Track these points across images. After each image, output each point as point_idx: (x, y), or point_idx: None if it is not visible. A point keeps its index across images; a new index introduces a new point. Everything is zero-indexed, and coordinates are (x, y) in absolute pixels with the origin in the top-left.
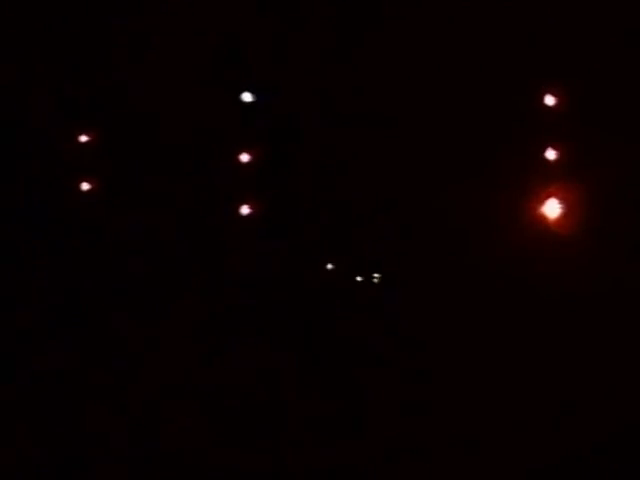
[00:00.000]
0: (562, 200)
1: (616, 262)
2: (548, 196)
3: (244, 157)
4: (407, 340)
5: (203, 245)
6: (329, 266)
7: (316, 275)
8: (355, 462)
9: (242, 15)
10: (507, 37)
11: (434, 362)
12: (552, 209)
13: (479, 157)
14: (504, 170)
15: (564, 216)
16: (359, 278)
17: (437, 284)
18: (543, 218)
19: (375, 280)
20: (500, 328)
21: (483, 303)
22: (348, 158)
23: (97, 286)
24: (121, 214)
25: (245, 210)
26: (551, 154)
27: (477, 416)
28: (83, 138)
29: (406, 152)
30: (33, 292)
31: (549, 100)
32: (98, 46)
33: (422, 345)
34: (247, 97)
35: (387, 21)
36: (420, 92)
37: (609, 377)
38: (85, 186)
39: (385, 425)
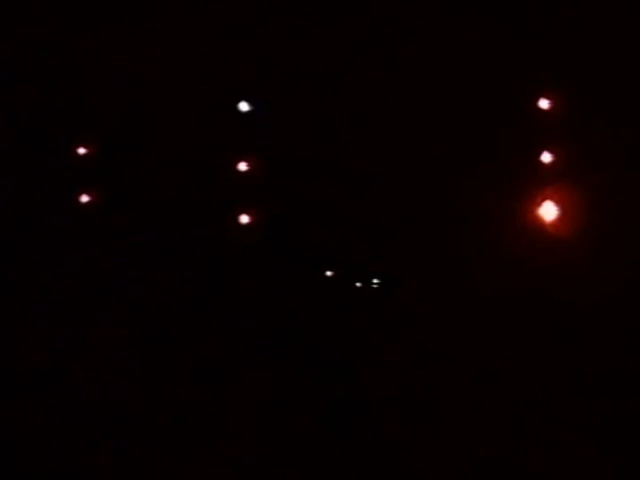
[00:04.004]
0: (558, 202)
1: (613, 264)
2: (544, 199)
3: (242, 166)
4: (407, 343)
5: (203, 254)
6: (328, 273)
7: (316, 282)
8: (358, 464)
9: (239, 23)
10: (503, 41)
11: (434, 364)
12: (548, 211)
13: (475, 160)
14: (500, 173)
15: (560, 218)
16: (358, 284)
17: (434, 287)
18: (539, 220)
19: (375, 286)
20: (497, 330)
21: (481, 305)
22: (346, 165)
23: (98, 296)
24: (120, 225)
25: (245, 219)
26: (547, 157)
27: (479, 420)
28: (82, 150)
29: (403, 156)
30: (34, 302)
31: (544, 103)
32: (96, 55)
33: (421, 347)
34: (244, 106)
35: (385, 28)
36: (417, 98)
37: (608, 378)
38: (84, 198)
39: (385, 429)
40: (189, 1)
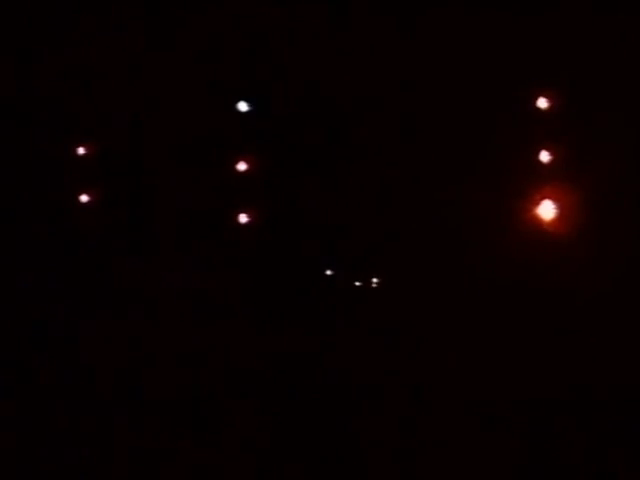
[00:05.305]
0: (557, 202)
1: (611, 263)
2: (543, 198)
3: (241, 166)
4: (405, 341)
5: (202, 254)
6: (328, 272)
7: (315, 281)
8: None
9: (240, 23)
10: (501, 40)
11: (431, 364)
12: (547, 211)
13: (474, 159)
14: (499, 172)
15: (559, 218)
16: (358, 283)
17: (433, 287)
18: (538, 220)
19: (374, 285)
20: (495, 328)
21: (479, 303)
22: (344, 165)
23: (97, 296)
24: (119, 224)
25: (243, 219)
26: (545, 156)
27: (476, 418)
28: (81, 150)
29: (401, 155)
30: (34, 302)
31: (543, 102)
32: (96, 56)
33: (419, 346)
34: (243, 106)
35: (383, 26)
36: (415, 96)
37: (607, 378)
38: (84, 198)
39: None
40: (189, 1)
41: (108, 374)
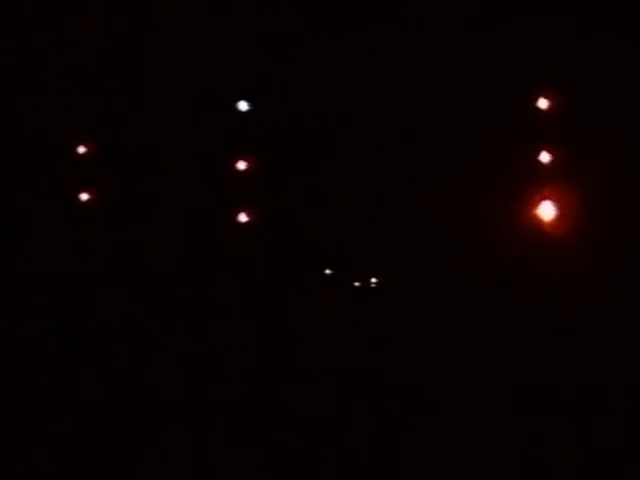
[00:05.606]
0: (556, 202)
1: (611, 263)
2: (542, 198)
3: (241, 165)
4: (405, 341)
5: (202, 252)
6: (327, 271)
7: (314, 281)
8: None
9: (237, 24)
10: (501, 40)
11: (431, 363)
12: (546, 211)
13: (474, 160)
14: (499, 173)
15: (558, 218)
16: (358, 283)
17: (432, 287)
18: (538, 220)
19: (374, 285)
20: (495, 329)
21: (479, 305)
22: (344, 165)
23: (97, 294)
24: (119, 224)
25: (243, 218)
26: (545, 157)
27: (476, 418)
28: (82, 149)
29: (401, 156)
30: (33, 300)
31: (543, 103)
32: (96, 55)
33: (419, 346)
34: (243, 106)
35: (383, 27)
36: (415, 96)
37: (606, 380)
38: (84, 196)
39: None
40: (189, 1)
41: (107, 374)
